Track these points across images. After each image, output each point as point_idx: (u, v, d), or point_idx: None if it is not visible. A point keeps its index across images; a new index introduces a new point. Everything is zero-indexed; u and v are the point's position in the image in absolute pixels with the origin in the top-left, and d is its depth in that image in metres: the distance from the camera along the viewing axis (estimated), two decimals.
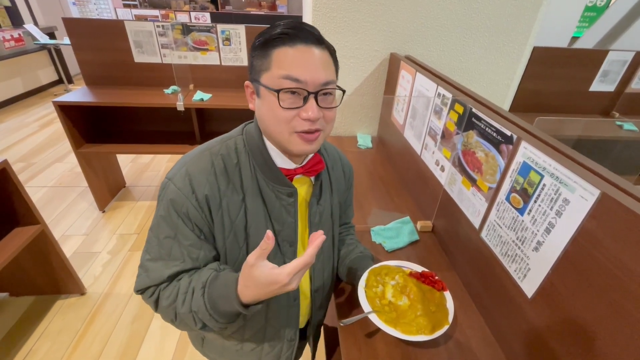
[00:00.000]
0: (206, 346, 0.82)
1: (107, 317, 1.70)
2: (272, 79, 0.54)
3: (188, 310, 0.58)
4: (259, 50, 0.56)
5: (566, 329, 0.57)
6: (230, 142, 0.63)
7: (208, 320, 0.58)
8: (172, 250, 0.60)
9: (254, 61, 0.58)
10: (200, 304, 0.57)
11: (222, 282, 0.57)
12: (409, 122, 1.34)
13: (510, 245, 0.71)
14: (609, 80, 2.21)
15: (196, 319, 0.59)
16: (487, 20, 1.59)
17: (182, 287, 0.60)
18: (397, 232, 1.07)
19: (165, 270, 0.60)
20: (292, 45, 0.54)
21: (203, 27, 2.30)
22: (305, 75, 0.53)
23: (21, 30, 4.57)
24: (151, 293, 0.62)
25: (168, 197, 0.58)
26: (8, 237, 1.39)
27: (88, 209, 2.49)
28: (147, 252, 0.62)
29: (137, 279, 0.62)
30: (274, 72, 0.54)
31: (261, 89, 0.56)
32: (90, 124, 2.34)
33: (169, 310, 0.61)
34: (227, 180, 0.60)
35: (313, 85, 0.54)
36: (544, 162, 0.62)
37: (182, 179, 0.58)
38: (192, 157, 0.61)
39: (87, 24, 2.20)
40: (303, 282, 0.75)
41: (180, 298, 0.59)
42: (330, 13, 1.52)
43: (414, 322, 0.69)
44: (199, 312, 0.58)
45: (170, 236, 0.59)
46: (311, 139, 0.58)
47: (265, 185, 0.63)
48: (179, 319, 0.61)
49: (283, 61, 0.54)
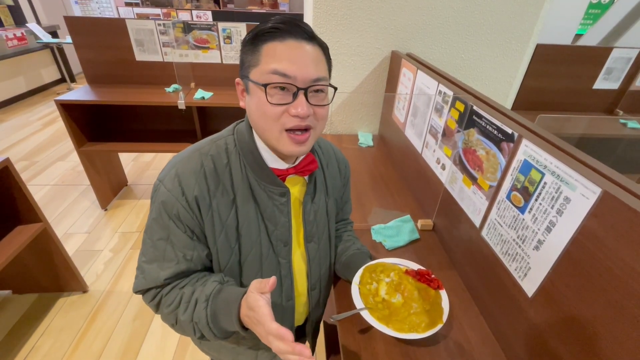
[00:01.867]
0: (204, 342, 0.83)
1: (109, 315, 1.71)
2: (261, 74, 0.53)
3: (189, 319, 0.59)
4: (249, 45, 0.55)
5: (567, 328, 0.57)
6: (220, 142, 0.63)
7: (207, 332, 0.59)
8: (166, 252, 0.60)
9: (243, 57, 0.57)
10: (202, 316, 0.58)
11: (224, 298, 0.58)
12: (410, 120, 1.33)
13: (511, 244, 0.70)
14: (613, 78, 2.19)
15: (196, 329, 0.60)
16: (490, 17, 1.57)
17: (185, 296, 0.60)
18: (398, 231, 1.07)
19: (161, 272, 0.60)
20: (282, 40, 0.52)
21: (204, 25, 2.29)
22: (294, 71, 0.52)
23: (24, 29, 4.58)
24: (152, 297, 0.62)
25: (159, 200, 0.58)
26: (10, 235, 1.40)
27: (90, 207, 2.50)
28: (143, 254, 0.62)
29: (135, 281, 0.63)
30: (263, 67, 0.53)
31: (250, 85, 0.55)
32: (93, 122, 2.35)
33: (170, 315, 0.61)
34: (217, 181, 0.60)
35: (303, 81, 0.53)
36: (545, 160, 0.61)
37: (171, 180, 0.58)
38: (181, 158, 0.61)
39: (89, 23, 2.21)
40: (299, 280, 0.75)
41: (183, 307, 0.60)
42: (332, 10, 1.52)
43: (407, 320, 0.69)
44: (200, 324, 0.58)
45: (163, 238, 0.60)
46: (301, 140, 0.56)
47: (256, 185, 0.62)
48: (179, 325, 0.62)
49: (272, 56, 0.52)
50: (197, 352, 1.53)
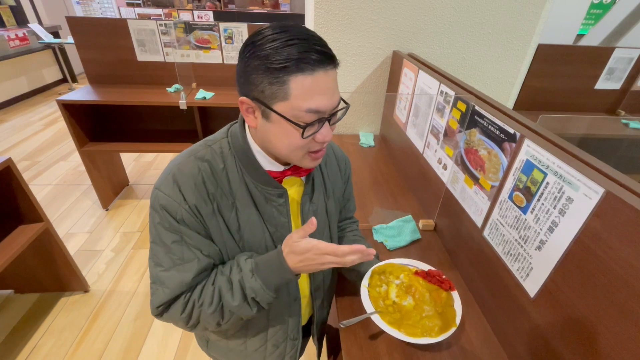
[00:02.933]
0: (211, 347, 0.82)
1: (111, 315, 1.72)
2: (292, 110, 0.50)
3: (241, 300, 0.59)
4: (270, 74, 0.48)
5: (569, 328, 0.57)
6: (215, 146, 0.62)
7: (263, 297, 0.60)
8: (184, 253, 0.58)
9: (260, 84, 0.50)
10: (256, 286, 0.59)
11: (264, 261, 0.60)
12: (412, 120, 1.33)
13: (513, 244, 0.70)
14: (615, 78, 2.19)
15: (252, 304, 0.60)
16: (491, 17, 1.57)
17: (223, 287, 0.60)
18: (399, 231, 1.06)
19: (185, 274, 0.58)
20: (311, 73, 0.48)
21: (206, 25, 2.30)
22: (326, 105, 0.52)
23: (26, 29, 4.60)
24: (182, 308, 0.59)
25: (159, 204, 0.57)
26: (13, 235, 1.40)
27: (92, 207, 2.50)
28: (158, 265, 0.59)
29: (153, 297, 0.59)
30: (295, 103, 0.50)
31: (273, 115, 0.52)
32: (94, 122, 2.35)
33: (216, 313, 0.59)
34: (215, 185, 0.59)
35: (330, 111, 0.54)
36: (548, 160, 0.61)
37: (170, 186, 0.57)
38: (177, 163, 0.60)
39: (90, 23, 2.21)
40: (302, 280, 0.74)
41: (228, 294, 0.59)
42: (333, 11, 1.52)
43: (419, 323, 0.66)
44: (257, 295, 0.59)
45: (177, 240, 0.58)
46: (321, 156, 0.60)
47: (254, 187, 0.62)
48: (228, 317, 0.61)
49: (305, 92, 0.49)
50: (199, 352, 1.54)
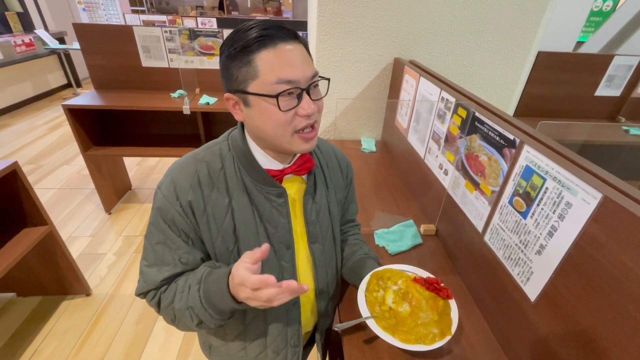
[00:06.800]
0: (213, 353, 0.83)
1: (112, 318, 1.72)
2: (264, 86, 0.53)
3: (185, 306, 0.60)
4: (238, 59, 0.53)
5: (570, 332, 0.57)
6: (215, 148, 0.65)
7: (203, 314, 0.59)
8: (164, 256, 0.62)
9: (233, 72, 0.55)
10: (195, 298, 0.59)
11: (215, 277, 0.59)
12: (413, 126, 1.35)
13: (513, 249, 0.71)
14: (615, 85, 2.20)
15: (192, 315, 0.60)
16: (491, 24, 1.59)
17: (179, 286, 0.62)
18: (401, 235, 1.07)
19: (159, 275, 0.63)
20: (274, 47, 0.52)
21: (209, 32, 2.33)
22: (297, 74, 0.53)
23: (32, 35, 4.67)
24: (152, 296, 0.65)
25: (156, 205, 0.61)
26: (17, 237, 1.42)
27: (95, 210, 2.52)
28: (144, 259, 0.65)
29: (137, 285, 0.66)
30: (264, 78, 0.53)
31: (250, 98, 0.55)
32: (98, 127, 2.38)
33: (169, 310, 0.63)
34: (211, 186, 0.61)
35: (304, 81, 0.55)
36: (547, 165, 0.62)
37: (167, 186, 0.61)
38: (177, 165, 0.63)
39: (96, 30, 2.25)
40: (306, 283, 0.75)
41: (177, 296, 0.61)
42: (335, 18, 1.54)
43: (414, 330, 0.66)
44: (195, 308, 0.59)
45: (161, 242, 0.62)
46: (311, 137, 0.59)
47: (253, 187, 0.63)
48: (177, 317, 0.63)
49: (270, 65, 0.52)
50: (200, 356, 1.53)
